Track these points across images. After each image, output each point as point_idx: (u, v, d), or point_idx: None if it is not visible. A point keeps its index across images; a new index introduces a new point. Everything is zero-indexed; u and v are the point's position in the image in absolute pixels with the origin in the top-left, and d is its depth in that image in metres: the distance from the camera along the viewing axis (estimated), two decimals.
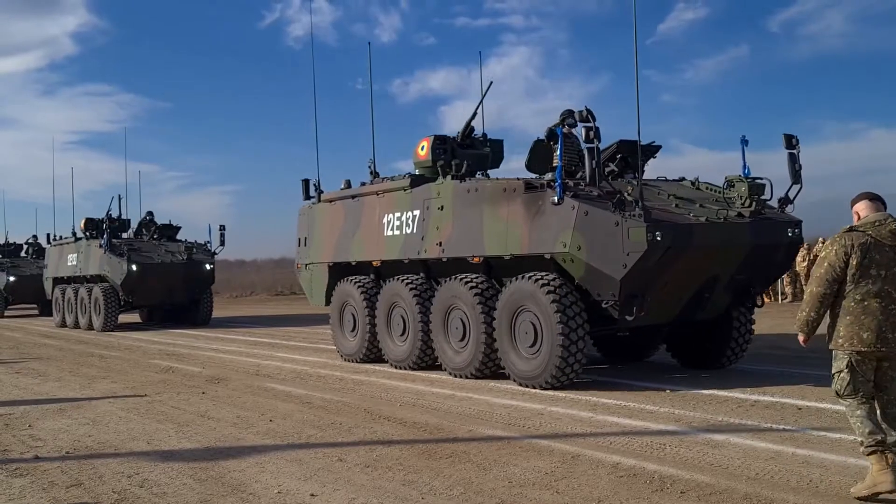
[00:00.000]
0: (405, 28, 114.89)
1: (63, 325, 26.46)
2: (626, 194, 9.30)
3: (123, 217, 26.74)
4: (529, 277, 10.08)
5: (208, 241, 25.55)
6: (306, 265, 14.86)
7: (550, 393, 9.72)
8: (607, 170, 11.12)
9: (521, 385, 10.20)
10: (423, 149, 12.41)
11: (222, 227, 25.51)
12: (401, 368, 12.42)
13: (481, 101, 12.47)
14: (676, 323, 10.60)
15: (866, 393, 5.25)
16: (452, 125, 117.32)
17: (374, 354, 13.30)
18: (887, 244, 5.21)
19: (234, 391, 10.82)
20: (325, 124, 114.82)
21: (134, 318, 27.82)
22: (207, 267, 24.67)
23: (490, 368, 11.00)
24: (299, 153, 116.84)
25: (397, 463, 6.52)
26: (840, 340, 5.29)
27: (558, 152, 11.82)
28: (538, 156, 12.00)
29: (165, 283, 23.86)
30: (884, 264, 5.22)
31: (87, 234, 25.80)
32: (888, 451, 5.10)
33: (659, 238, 8.90)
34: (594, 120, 9.41)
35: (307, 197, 14.85)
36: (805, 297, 5.42)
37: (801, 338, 5.51)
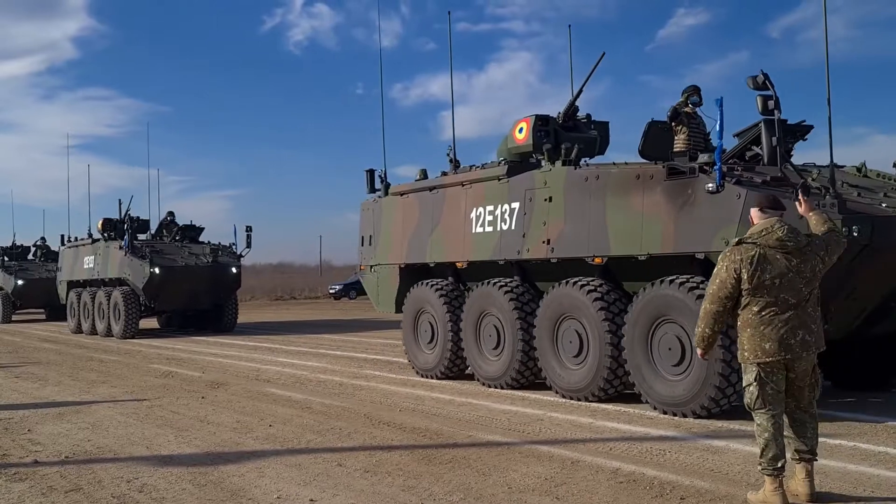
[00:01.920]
0: (406, 33, 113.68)
1: (78, 330, 24.76)
2: (810, 180, 7.62)
3: (142, 217, 25.02)
4: (673, 281, 8.36)
5: (233, 243, 23.92)
6: (371, 267, 13.13)
7: (550, 398, 9.60)
8: (749, 154, 9.43)
9: (662, 412, 8.50)
10: (521, 131, 10.70)
11: (249, 228, 23.87)
12: (495, 387, 10.70)
13: (590, 75, 10.77)
14: (851, 339, 8.83)
15: (777, 405, 5.17)
16: (453, 131, 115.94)
17: (457, 369, 11.60)
18: (778, 251, 5.13)
19: (234, 396, 10.72)
20: (327, 129, 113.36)
21: (151, 323, 26.04)
22: (234, 270, 23.14)
23: (616, 390, 9.29)
24: (299, 158, 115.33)
25: (397, 468, 6.48)
26: (746, 354, 5.21)
27: (683, 135, 10.25)
28: (653, 139, 10.40)
29: (190, 287, 22.25)
30: (776, 273, 5.12)
31: (105, 235, 24.11)
32: (780, 476, 5.07)
33: (856, 233, 7.19)
34: (773, 87, 7.71)
35: (372, 189, 13.15)
36: (700, 313, 5.36)
37: (699, 352, 5.50)
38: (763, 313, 5.13)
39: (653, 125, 10.64)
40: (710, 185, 7.98)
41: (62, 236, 27.77)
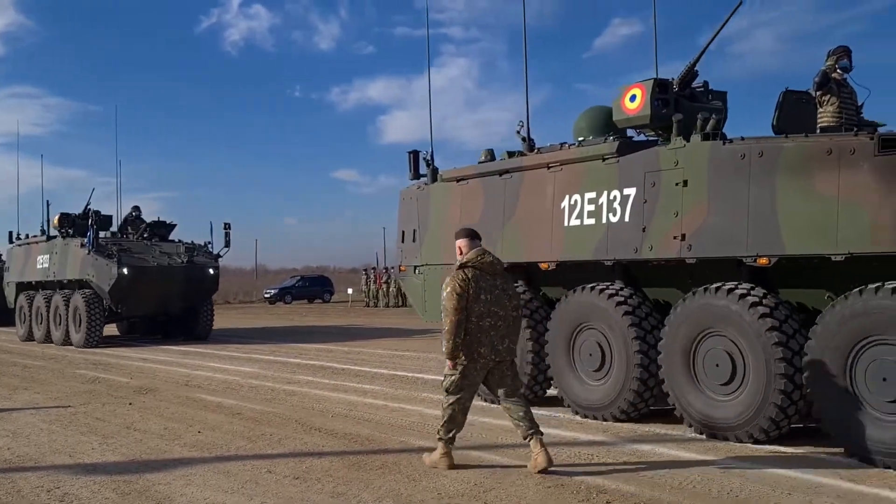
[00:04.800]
0: (344, 36, 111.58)
1: (29, 338, 21.91)
2: None
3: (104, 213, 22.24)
4: (895, 293, 6.22)
5: (209, 242, 21.35)
6: (416, 268, 10.79)
7: (483, 404, 9.40)
8: None
9: (878, 465, 6.37)
10: (633, 99, 8.46)
11: (227, 226, 21.46)
12: (595, 418, 8.48)
13: (720, 29, 8.56)
14: None
15: (468, 393, 6.37)
16: (392, 135, 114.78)
17: (533, 394, 9.35)
18: (488, 273, 6.34)
19: (162, 402, 10.44)
20: (263, 132, 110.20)
21: (111, 330, 23.20)
22: (211, 271, 20.65)
23: (781, 430, 7.16)
24: (234, 160, 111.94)
25: (327, 474, 6.43)
26: (463, 355, 6.22)
27: (832, 107, 8.16)
28: (791, 111, 8.34)
29: (162, 290, 19.72)
30: (488, 289, 6.30)
31: (63, 231, 21.27)
32: (452, 445, 6.44)
33: None
34: None
35: (416, 175, 10.82)
36: (447, 327, 6.18)
37: (450, 364, 6.31)
38: (480, 322, 6.22)
39: (788, 95, 8.58)
40: None
41: (10, 233, 24.66)
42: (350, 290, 45.77)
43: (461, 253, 6.45)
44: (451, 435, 6.39)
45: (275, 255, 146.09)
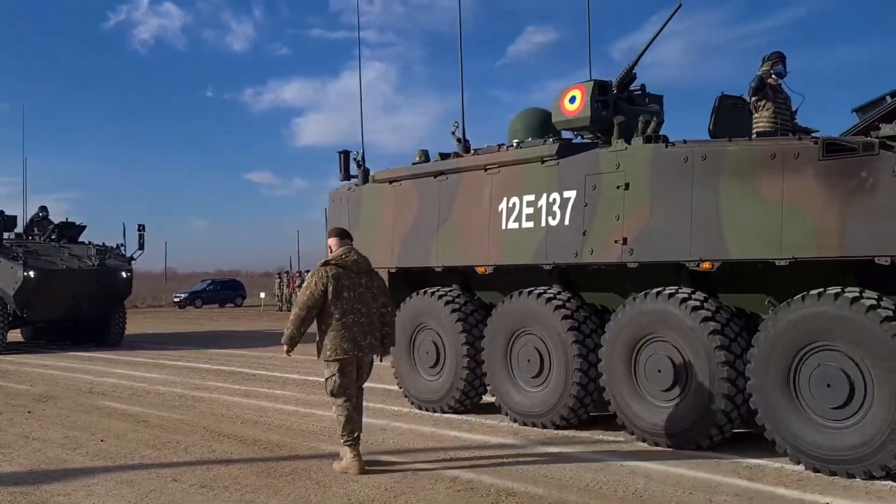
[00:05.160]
0: (258, 37, 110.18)
1: None
2: None
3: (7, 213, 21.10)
4: (838, 298, 6.22)
5: (122, 244, 20.53)
6: None
7: (395, 408, 9.60)
8: (875, 133, 7.41)
9: (823, 473, 6.35)
10: (572, 101, 8.33)
11: (141, 227, 20.65)
12: (534, 425, 8.32)
13: (660, 31, 8.47)
14: None
15: (352, 392, 6.54)
16: (307, 138, 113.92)
17: (471, 401, 9.14)
18: (352, 271, 6.53)
19: (64, 410, 10.03)
20: (173, 132, 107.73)
21: (15, 335, 22.04)
22: (124, 275, 19.78)
23: (725, 435, 7.12)
24: (143, 161, 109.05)
25: (235, 482, 6.31)
26: (328, 353, 6.47)
27: (768, 112, 8.20)
28: (727, 116, 8.40)
29: (71, 295, 18.75)
30: (351, 287, 6.50)
31: None
32: (359, 446, 6.53)
33: None
34: None
35: (347, 176, 10.49)
36: (291, 317, 6.48)
37: (285, 349, 6.60)
38: (343, 319, 6.43)
39: (724, 99, 8.62)
40: None
41: None
42: (262, 295, 44.89)
43: (330, 251, 6.67)
44: (354, 436, 6.49)
45: (185, 258, 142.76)
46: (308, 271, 38.83)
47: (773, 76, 8.40)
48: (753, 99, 8.31)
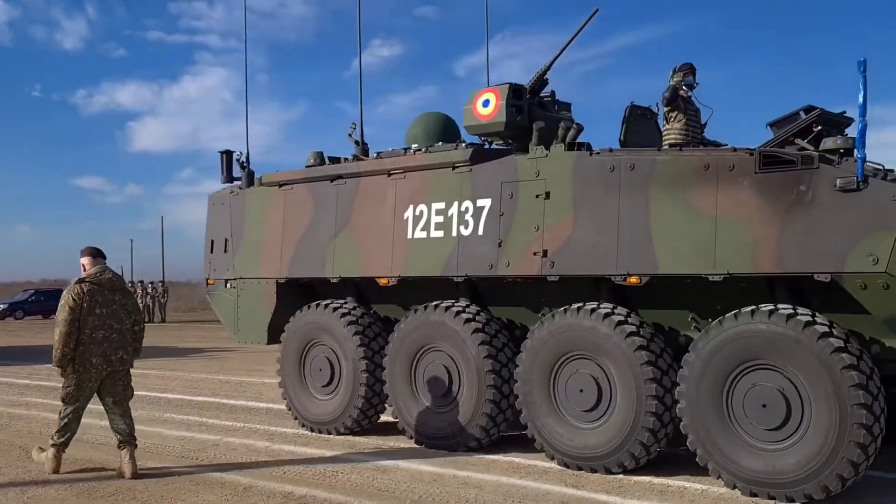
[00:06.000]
0: (92, 36, 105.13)
1: None
2: None
3: None
4: (773, 315, 6.05)
5: None
6: (227, 282, 9.59)
7: (228, 423, 9.44)
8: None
9: (759, 496, 6.13)
10: (486, 104, 7.89)
11: None
12: (441, 448, 7.81)
13: (575, 35, 8.16)
14: None
15: (83, 402, 6.85)
16: (143, 143, 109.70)
17: (369, 420, 8.53)
18: (106, 289, 6.79)
19: None
20: None
21: None
22: None
23: (651, 455, 6.84)
24: None
25: None
26: (76, 364, 6.65)
27: (679, 124, 8.09)
28: (637, 127, 8.22)
29: None
30: (104, 304, 6.74)
31: None
32: (63, 451, 6.92)
33: None
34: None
35: (229, 178, 9.66)
36: (56, 337, 6.60)
37: (60, 372, 6.71)
38: (94, 334, 6.66)
39: (633, 109, 8.43)
40: (844, 179, 5.79)
41: None
42: None
43: (84, 269, 6.85)
44: (63, 440, 6.83)
45: (8, 266, 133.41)
46: (142, 281, 36.86)
47: (683, 87, 8.25)
48: (666, 110, 8.12)
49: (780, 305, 6.13)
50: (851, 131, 7.45)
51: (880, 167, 6.21)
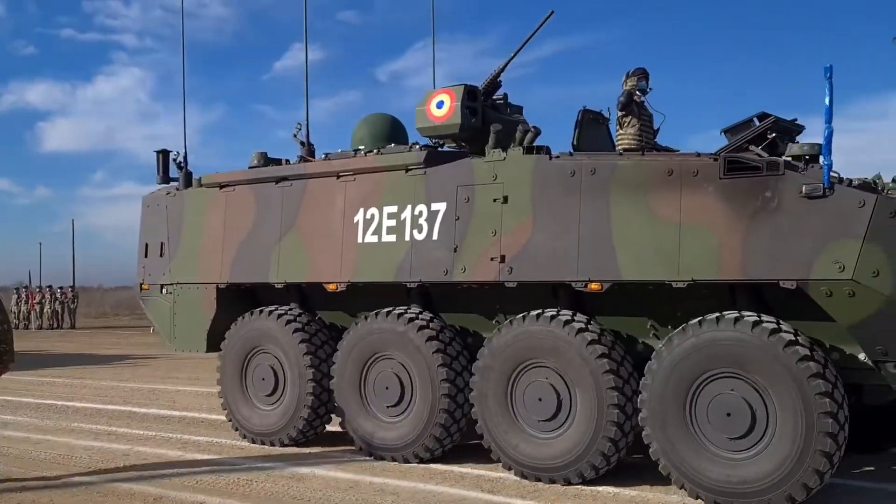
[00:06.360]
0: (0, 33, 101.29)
1: None
2: None
3: None
4: (738, 323, 5.99)
5: None
6: (163, 287, 9.15)
7: (139, 432, 9.19)
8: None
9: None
10: (440, 105, 7.70)
11: None
12: (393, 460, 7.57)
13: (530, 37, 8.01)
14: None
15: None
16: (53, 144, 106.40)
17: (314, 431, 8.23)
18: None
19: None
20: None
21: None
22: None
23: (611, 466, 6.72)
24: None
25: None
26: None
27: (633, 129, 8.06)
28: (589, 131, 8.15)
29: None
30: None
31: None
32: None
33: None
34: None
35: (166, 179, 9.24)
36: None
37: None
38: None
39: (586, 114, 8.35)
40: (810, 185, 5.76)
41: None
42: None
43: None
44: None
45: None
46: (51, 286, 35.28)
47: (636, 92, 8.19)
48: (620, 114, 8.05)
49: (744, 313, 6.07)
50: (803, 138, 7.48)
51: (836, 174, 6.21)
